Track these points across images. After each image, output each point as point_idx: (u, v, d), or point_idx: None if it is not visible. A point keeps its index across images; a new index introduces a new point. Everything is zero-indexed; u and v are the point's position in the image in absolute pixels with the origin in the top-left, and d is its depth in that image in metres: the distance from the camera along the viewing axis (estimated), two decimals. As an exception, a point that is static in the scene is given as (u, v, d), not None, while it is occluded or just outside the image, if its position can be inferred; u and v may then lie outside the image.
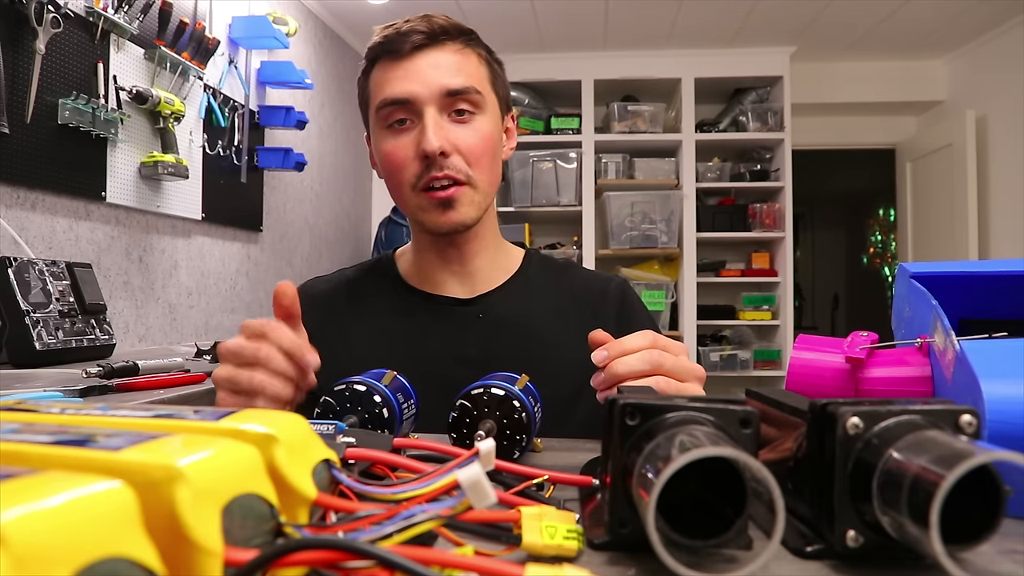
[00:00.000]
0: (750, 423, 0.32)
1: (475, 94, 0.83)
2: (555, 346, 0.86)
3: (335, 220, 3.70)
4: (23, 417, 0.31)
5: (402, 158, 0.82)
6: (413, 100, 0.81)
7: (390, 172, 0.84)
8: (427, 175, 0.81)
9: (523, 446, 0.50)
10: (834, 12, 3.47)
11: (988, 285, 0.58)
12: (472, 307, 0.89)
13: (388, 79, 0.83)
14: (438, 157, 0.80)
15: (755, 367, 3.90)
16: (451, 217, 0.82)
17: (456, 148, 0.81)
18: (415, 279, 0.92)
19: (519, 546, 0.30)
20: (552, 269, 0.96)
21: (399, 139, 0.82)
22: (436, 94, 0.81)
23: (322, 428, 0.41)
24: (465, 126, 0.82)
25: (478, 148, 0.83)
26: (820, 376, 0.59)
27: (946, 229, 3.93)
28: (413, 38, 0.82)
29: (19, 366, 1.33)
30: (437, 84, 0.81)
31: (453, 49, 0.84)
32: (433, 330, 0.88)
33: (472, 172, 0.82)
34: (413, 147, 0.81)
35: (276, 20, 2.70)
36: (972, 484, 0.27)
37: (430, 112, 0.80)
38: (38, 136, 1.68)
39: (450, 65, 0.82)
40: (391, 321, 0.89)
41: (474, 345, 0.86)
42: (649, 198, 3.85)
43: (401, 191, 0.84)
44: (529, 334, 0.87)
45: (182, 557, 0.21)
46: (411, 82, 0.81)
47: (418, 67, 0.82)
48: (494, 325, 0.88)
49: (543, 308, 0.90)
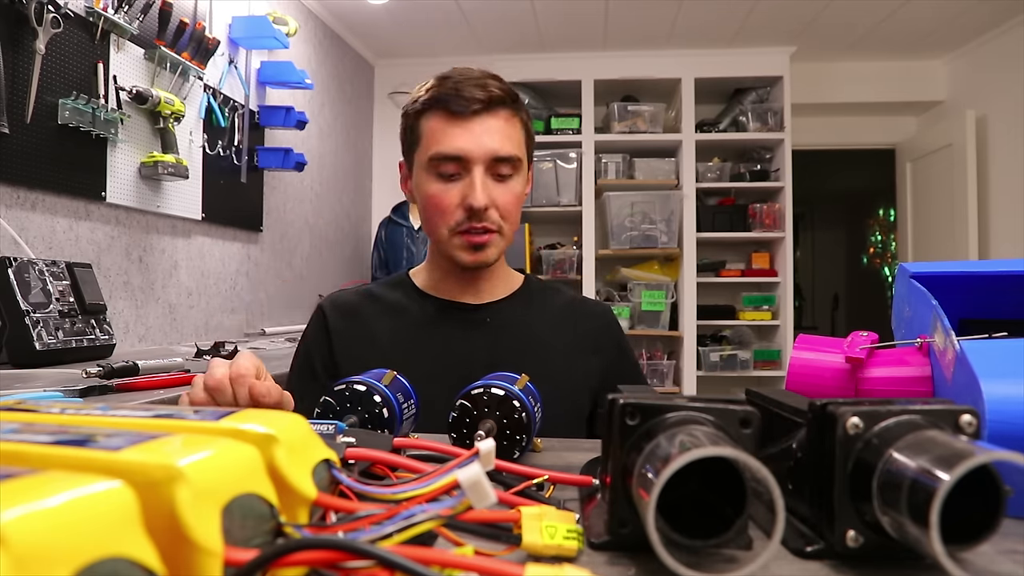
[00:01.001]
0: (750, 423, 0.32)
1: (516, 160, 0.95)
2: (550, 350, 1.00)
3: (335, 220, 3.70)
4: (23, 417, 0.31)
5: (447, 204, 0.94)
6: (466, 158, 0.92)
7: (434, 213, 0.96)
8: (467, 223, 0.94)
9: (523, 446, 0.50)
10: (834, 12, 3.47)
11: (988, 285, 0.58)
12: (480, 313, 1.02)
13: (446, 135, 0.93)
14: (482, 211, 0.92)
15: (755, 367, 3.89)
16: (479, 257, 0.96)
17: (495, 203, 0.94)
18: (432, 289, 1.05)
19: (519, 546, 0.30)
20: (547, 289, 1.11)
21: (447, 187, 0.94)
22: (486, 157, 0.93)
23: (322, 428, 0.41)
24: (504, 186, 0.95)
25: (511, 205, 0.96)
26: (820, 376, 0.58)
27: (946, 229, 3.93)
28: (474, 106, 0.92)
29: (19, 366, 1.33)
30: (489, 148, 0.93)
31: (504, 116, 0.95)
32: (448, 331, 1.00)
33: (504, 224, 0.96)
34: (459, 197, 0.93)
35: (276, 20, 2.70)
36: (972, 484, 0.27)
37: (478, 171, 0.92)
38: (38, 136, 1.68)
39: (500, 132, 0.94)
40: (411, 323, 1.01)
41: (482, 347, 0.98)
42: (649, 198, 3.85)
43: (439, 230, 0.96)
44: (529, 337, 1.01)
45: (182, 557, 0.21)
46: (467, 143, 0.92)
47: (474, 130, 0.93)
48: (499, 328, 1.01)
49: (540, 318, 1.04)
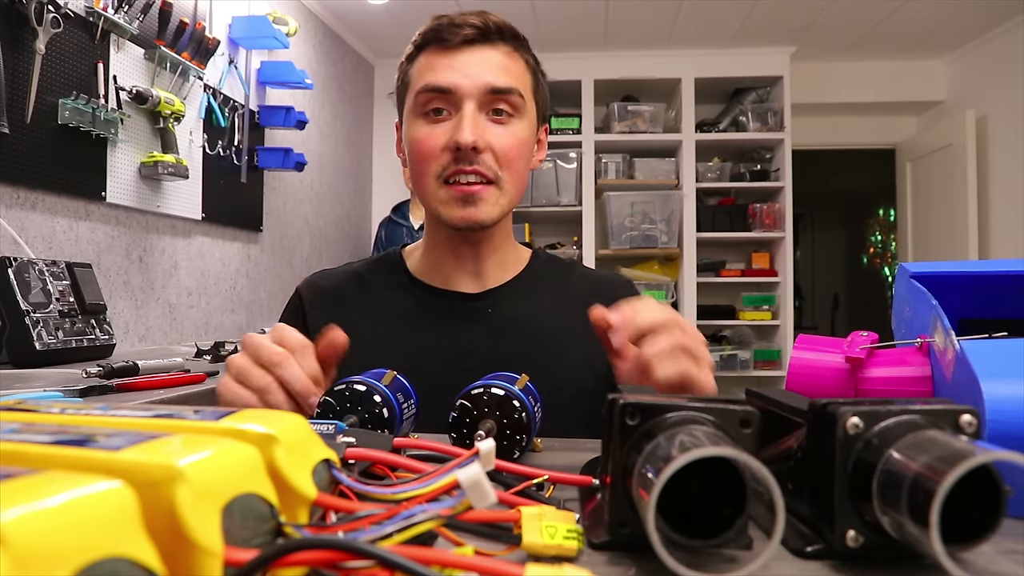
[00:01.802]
0: (750, 423, 0.32)
1: (517, 97, 0.82)
2: (560, 343, 0.86)
3: (335, 220, 3.70)
4: (23, 417, 0.31)
5: (432, 147, 0.80)
6: (455, 91, 0.80)
7: (417, 160, 0.83)
8: (454, 167, 0.79)
9: (523, 446, 0.50)
10: (834, 12, 3.47)
11: (988, 285, 0.58)
12: (481, 302, 0.89)
13: (433, 66, 0.82)
14: (470, 151, 0.78)
15: (755, 367, 3.90)
16: (471, 214, 0.81)
17: (490, 146, 0.80)
18: (425, 275, 0.91)
19: (519, 546, 0.30)
20: (558, 268, 0.96)
21: (433, 128, 0.81)
22: (479, 90, 0.80)
23: (322, 428, 0.41)
24: (502, 127, 0.82)
25: (512, 150, 0.82)
26: (820, 376, 0.58)
27: (946, 229, 3.93)
28: (465, 31, 0.81)
29: (19, 366, 1.34)
30: (482, 80, 0.80)
31: (503, 50, 0.83)
32: (442, 324, 0.87)
33: (502, 173, 0.81)
34: (445, 137, 0.80)
35: (276, 20, 2.70)
36: (972, 484, 0.27)
37: (469, 106, 0.79)
38: (38, 136, 1.68)
39: (497, 64, 0.82)
40: (401, 315, 0.88)
41: (483, 339, 0.85)
42: (649, 198, 3.85)
43: (425, 181, 0.82)
44: (536, 330, 0.87)
45: (182, 557, 0.21)
46: (456, 73, 0.80)
47: (465, 60, 0.81)
48: (502, 320, 0.87)
49: (549, 305, 0.90)
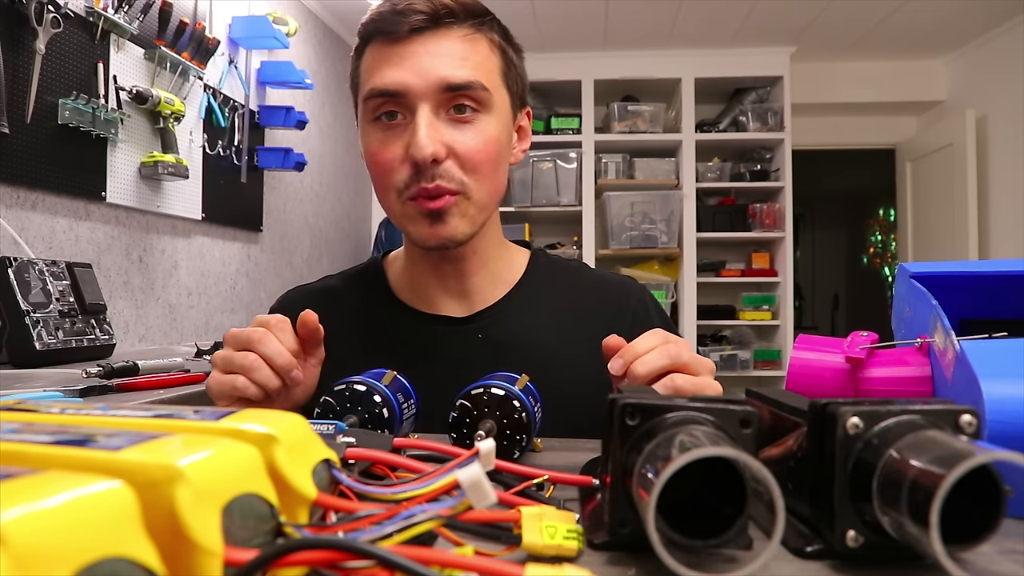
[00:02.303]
0: (750, 423, 0.32)
1: (480, 90, 0.71)
2: (561, 361, 0.76)
3: (335, 220, 3.70)
4: (23, 417, 0.31)
5: (389, 160, 0.71)
6: (405, 93, 0.69)
7: (375, 174, 0.74)
8: (416, 184, 0.70)
9: (523, 446, 0.50)
10: (834, 12, 3.47)
11: (988, 285, 0.58)
12: (470, 326, 0.79)
13: (379, 64, 0.71)
14: (429, 165, 0.69)
15: (755, 367, 3.90)
16: (439, 231, 0.72)
17: (452, 152, 0.70)
18: (406, 293, 0.82)
19: (519, 546, 0.30)
20: (560, 275, 0.86)
21: (387, 138, 0.71)
22: (433, 88, 0.69)
23: (322, 428, 0.41)
24: (465, 127, 0.71)
25: (478, 154, 0.71)
26: (820, 376, 0.58)
27: (946, 229, 3.93)
28: (412, 18, 0.69)
29: (19, 366, 1.33)
30: (435, 76, 0.69)
31: (459, 34, 0.71)
32: (426, 353, 0.78)
33: (468, 180, 0.71)
34: (402, 149, 0.70)
35: (276, 20, 2.70)
36: (972, 484, 0.27)
37: (424, 110, 0.69)
38: (38, 136, 1.68)
39: (453, 54, 0.70)
40: (379, 342, 0.79)
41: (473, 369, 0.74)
42: (649, 198, 3.85)
43: (387, 196, 0.73)
44: (534, 353, 0.77)
45: (182, 557, 0.21)
46: (405, 71, 0.69)
47: (415, 53, 0.70)
48: (495, 344, 0.78)
49: (548, 321, 0.80)
